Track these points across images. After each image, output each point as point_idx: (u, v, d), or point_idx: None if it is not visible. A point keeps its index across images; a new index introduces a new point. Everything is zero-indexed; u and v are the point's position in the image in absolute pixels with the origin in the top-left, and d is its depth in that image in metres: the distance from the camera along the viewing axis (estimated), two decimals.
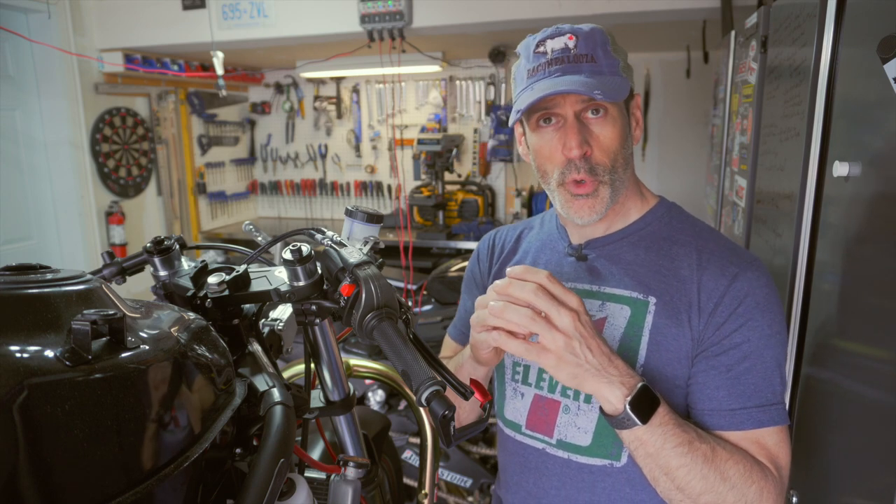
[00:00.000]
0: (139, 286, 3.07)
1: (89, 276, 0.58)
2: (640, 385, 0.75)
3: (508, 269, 0.76)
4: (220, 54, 3.06)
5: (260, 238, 0.95)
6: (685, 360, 0.85)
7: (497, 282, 0.76)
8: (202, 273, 0.86)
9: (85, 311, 0.50)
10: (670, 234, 0.93)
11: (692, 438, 0.77)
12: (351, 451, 1.03)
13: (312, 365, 0.95)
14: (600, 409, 0.78)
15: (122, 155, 3.56)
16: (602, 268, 0.94)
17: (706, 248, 0.88)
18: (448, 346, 1.15)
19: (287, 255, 0.77)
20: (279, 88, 4.62)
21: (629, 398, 0.74)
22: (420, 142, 3.77)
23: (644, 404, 0.75)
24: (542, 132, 0.89)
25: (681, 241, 0.91)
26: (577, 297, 0.74)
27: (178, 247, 0.89)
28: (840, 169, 0.95)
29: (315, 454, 1.31)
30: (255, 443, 0.69)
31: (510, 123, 0.92)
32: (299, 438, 0.96)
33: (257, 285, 0.84)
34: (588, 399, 0.89)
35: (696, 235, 0.91)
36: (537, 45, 0.88)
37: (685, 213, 0.97)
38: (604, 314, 0.90)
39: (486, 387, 0.80)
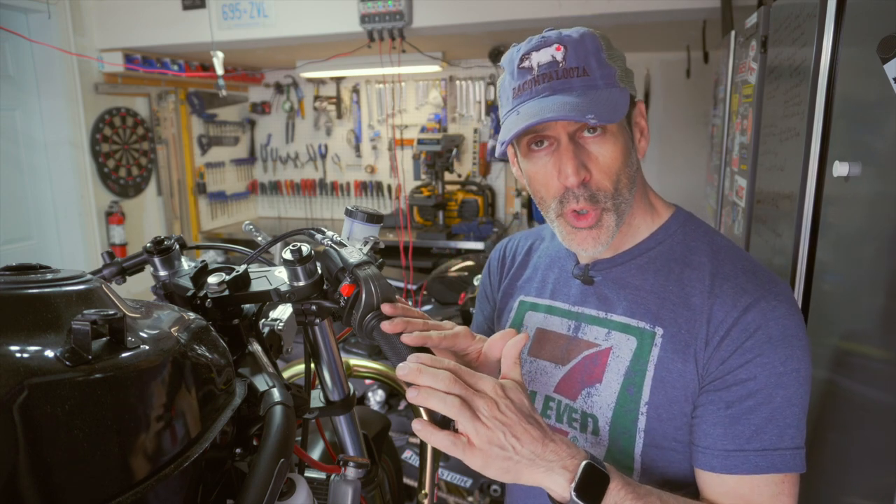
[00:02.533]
0: (139, 286, 3.07)
1: (89, 276, 0.58)
2: (583, 465, 0.64)
3: (413, 357, 0.64)
4: (220, 54, 3.06)
5: (260, 238, 0.95)
6: (692, 398, 0.78)
7: (404, 368, 0.63)
8: (202, 273, 0.86)
9: (85, 311, 0.50)
10: (684, 253, 0.84)
11: None
12: (351, 451, 1.03)
13: (312, 365, 0.95)
14: (548, 496, 0.68)
15: (122, 155, 3.56)
16: (610, 293, 0.87)
17: (720, 273, 0.80)
18: None
19: (287, 255, 0.77)
20: (279, 88, 4.62)
21: (574, 484, 0.63)
22: (420, 142, 3.77)
23: (592, 486, 0.64)
24: (534, 157, 0.81)
25: (694, 262, 0.82)
26: (491, 380, 0.64)
27: (178, 247, 0.89)
28: (840, 169, 0.95)
29: (315, 454, 1.31)
30: (255, 443, 0.69)
31: (497, 154, 0.81)
32: (299, 438, 0.96)
33: (257, 285, 0.84)
34: (596, 431, 0.84)
35: (712, 256, 0.82)
36: (521, 60, 0.78)
37: (702, 227, 0.87)
38: (609, 344, 0.84)
39: None
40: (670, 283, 0.83)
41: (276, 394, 0.68)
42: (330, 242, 0.79)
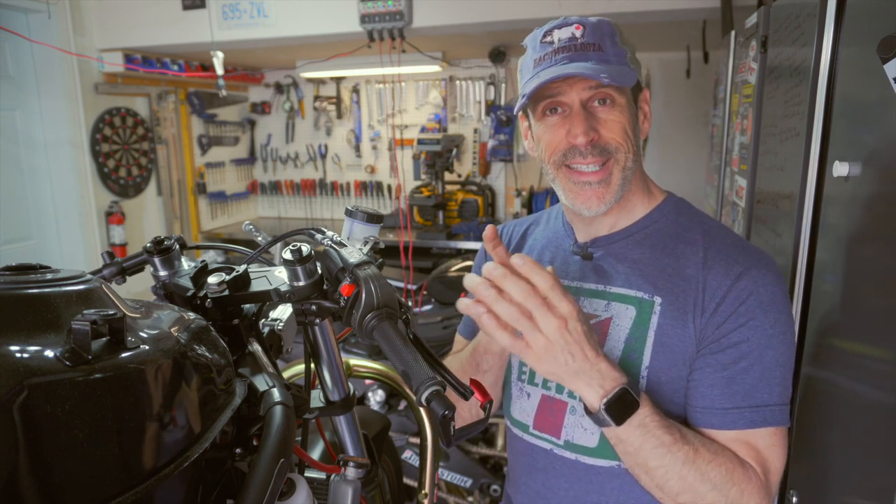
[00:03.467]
0: (139, 286, 3.06)
1: (89, 276, 0.58)
2: (618, 388, 0.75)
3: (516, 257, 0.73)
4: (220, 54, 3.06)
5: (260, 238, 0.95)
6: (689, 361, 0.84)
7: (495, 269, 0.74)
8: (202, 273, 0.86)
9: (85, 311, 0.50)
10: (677, 231, 0.91)
11: (675, 440, 0.77)
12: (351, 451, 1.03)
13: (312, 365, 0.95)
14: (583, 406, 0.79)
15: (122, 155, 3.56)
16: (608, 267, 0.92)
17: (713, 246, 0.87)
18: (458, 342, 1.15)
19: (287, 255, 0.77)
20: (279, 88, 4.62)
21: (605, 400, 0.74)
22: (420, 142, 3.76)
23: (619, 407, 0.75)
24: (547, 121, 0.88)
25: (688, 238, 0.89)
26: (572, 302, 0.73)
27: (178, 247, 0.89)
28: (840, 169, 0.95)
29: (315, 454, 1.31)
30: (255, 443, 0.69)
31: (515, 111, 0.90)
32: (299, 438, 0.96)
33: (257, 285, 0.84)
34: None
35: (704, 233, 0.89)
36: (544, 35, 0.87)
37: (693, 209, 0.95)
38: (609, 314, 0.89)
39: (486, 386, 0.79)
40: (666, 256, 0.89)
41: (276, 394, 0.68)
42: (330, 242, 0.79)
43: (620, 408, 0.75)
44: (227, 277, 0.82)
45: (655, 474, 0.77)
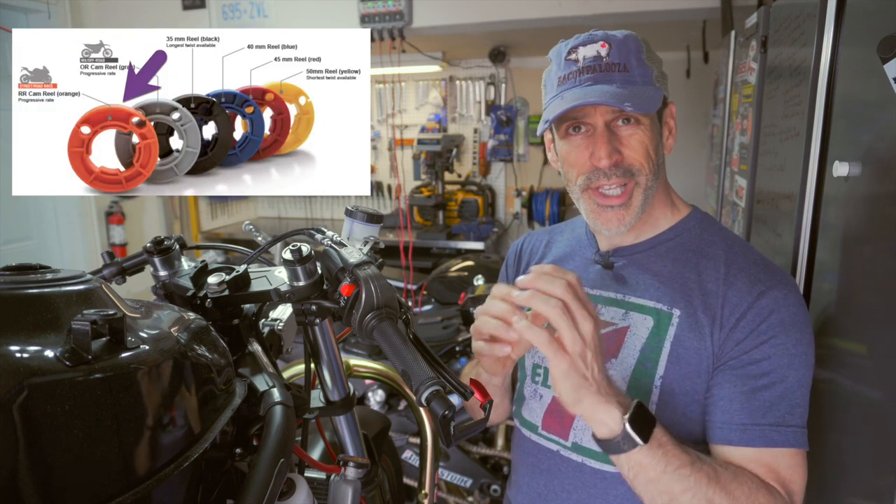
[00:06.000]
0: (139, 286, 3.06)
1: (89, 276, 0.58)
2: (636, 402, 0.73)
3: (535, 266, 0.73)
4: None
5: (260, 238, 0.95)
6: (705, 375, 0.84)
7: (523, 276, 0.73)
8: (202, 273, 0.86)
9: (85, 311, 0.50)
10: (700, 246, 0.90)
11: (693, 459, 0.74)
12: (351, 451, 1.03)
13: (312, 365, 0.95)
14: (594, 437, 0.75)
15: None
16: (628, 276, 0.92)
17: (735, 263, 0.86)
18: None
19: (287, 255, 0.77)
20: None
21: (627, 416, 0.71)
22: (420, 142, 3.77)
23: (643, 422, 0.72)
24: (571, 140, 0.88)
25: (710, 254, 0.88)
26: (595, 309, 0.73)
27: (178, 247, 0.89)
28: (840, 169, 0.95)
29: (315, 454, 1.31)
30: (255, 443, 0.69)
31: (539, 132, 0.89)
32: (299, 438, 0.96)
33: (257, 285, 0.84)
34: None
35: (727, 249, 0.88)
36: (569, 52, 0.86)
37: (718, 224, 0.95)
38: (627, 323, 0.89)
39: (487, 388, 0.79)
40: (687, 270, 0.88)
41: (276, 394, 0.68)
42: (330, 242, 0.79)
43: (644, 422, 0.72)
44: (227, 277, 0.82)
45: (681, 500, 0.73)
